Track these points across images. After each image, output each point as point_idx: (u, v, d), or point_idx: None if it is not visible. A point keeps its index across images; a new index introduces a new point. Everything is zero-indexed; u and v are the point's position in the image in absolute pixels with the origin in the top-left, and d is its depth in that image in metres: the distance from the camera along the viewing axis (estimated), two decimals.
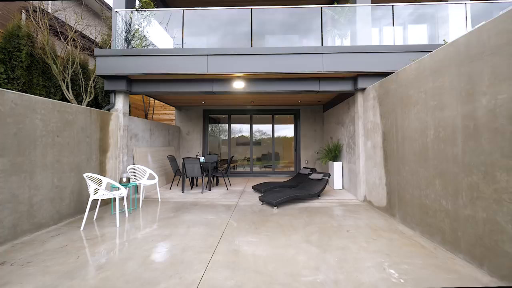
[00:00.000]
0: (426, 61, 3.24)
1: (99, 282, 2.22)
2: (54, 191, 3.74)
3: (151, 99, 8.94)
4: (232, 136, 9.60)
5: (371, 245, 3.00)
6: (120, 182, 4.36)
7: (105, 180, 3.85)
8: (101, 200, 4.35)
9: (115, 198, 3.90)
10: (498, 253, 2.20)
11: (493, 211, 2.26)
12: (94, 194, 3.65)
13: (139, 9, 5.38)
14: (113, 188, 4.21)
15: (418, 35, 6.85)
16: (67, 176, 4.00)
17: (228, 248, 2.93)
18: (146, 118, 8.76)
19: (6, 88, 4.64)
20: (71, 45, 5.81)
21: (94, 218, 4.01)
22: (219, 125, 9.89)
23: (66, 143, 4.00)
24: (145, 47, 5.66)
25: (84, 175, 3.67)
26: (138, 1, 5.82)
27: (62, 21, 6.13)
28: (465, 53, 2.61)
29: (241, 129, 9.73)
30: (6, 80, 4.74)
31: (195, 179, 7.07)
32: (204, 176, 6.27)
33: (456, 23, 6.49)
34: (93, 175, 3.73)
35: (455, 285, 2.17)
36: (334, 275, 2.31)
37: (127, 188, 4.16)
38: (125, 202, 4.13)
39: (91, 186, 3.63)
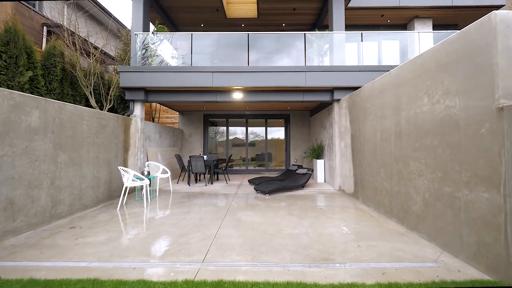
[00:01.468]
0: (376, 83, 4.46)
1: (147, 235, 3.31)
2: (94, 180, 4.78)
3: (157, 104, 9.96)
4: (229, 138, 10.71)
5: (335, 216, 4.17)
6: (142, 174, 5.41)
7: (132, 172, 4.91)
8: (128, 189, 5.38)
9: (136, 187, 4.94)
10: (409, 213, 3.40)
11: (408, 187, 3.45)
12: (127, 182, 4.71)
13: (155, 33, 6.47)
14: (137, 179, 5.25)
15: (391, 49, 8.12)
16: (102, 169, 5.04)
17: (232, 218, 4.05)
18: (153, 121, 9.78)
19: (46, 98, 5.63)
20: (93, 61, 6.83)
21: (124, 202, 5.04)
22: (217, 127, 10.98)
23: (102, 143, 5.05)
24: (156, 57, 6.73)
25: (119, 167, 4.73)
26: (153, 25, 6.89)
27: (85, 39, 7.14)
28: (395, 81, 3.82)
29: (238, 132, 10.85)
30: (46, 91, 5.74)
31: (198, 175, 8.14)
32: (207, 172, 7.34)
33: (422, 41, 7.84)
34: (124, 168, 4.78)
35: (383, 235, 3.33)
36: (305, 230, 3.46)
37: (149, 179, 5.22)
38: (146, 191, 5.19)
39: (125, 176, 4.69)
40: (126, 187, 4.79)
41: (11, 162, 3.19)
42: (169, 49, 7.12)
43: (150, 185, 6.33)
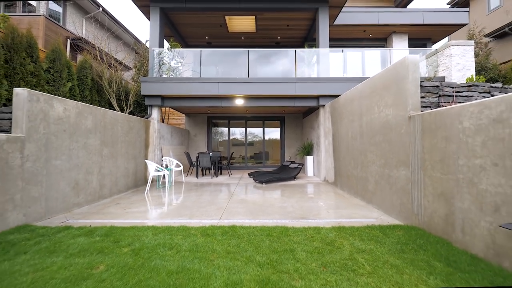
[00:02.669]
0: (348, 93, 5.70)
1: (175, 207, 4.51)
2: (125, 171, 5.96)
3: (166, 107, 11.12)
4: (230, 137, 11.91)
5: (316, 196, 5.41)
6: (161, 167, 6.59)
7: (154, 164, 6.10)
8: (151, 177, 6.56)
9: (155, 177, 6.12)
10: (367, 191, 4.64)
11: (367, 172, 4.69)
12: (152, 171, 5.90)
13: (169, 49, 7.66)
14: (160, 170, 6.44)
15: (373, 58, 9.35)
16: (130, 162, 6.22)
17: (237, 198, 5.26)
18: (163, 122, 10.95)
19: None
20: (116, 73, 8.01)
21: (148, 189, 6.23)
22: (219, 128, 12.17)
23: (130, 141, 6.23)
24: (167, 64, 7.92)
25: (145, 160, 5.91)
26: (167, 43, 8.08)
27: (111, 55, 8.32)
28: (360, 94, 5.06)
29: (238, 132, 12.06)
30: (80, 98, 6.91)
31: (204, 170, 9.33)
32: (212, 167, 8.54)
33: (400, 52, 9.13)
34: (149, 161, 5.97)
35: (348, 206, 4.55)
36: (292, 204, 4.69)
37: (168, 170, 6.42)
38: (165, 180, 6.39)
39: (150, 167, 5.88)
40: (151, 176, 5.98)
41: (76, 154, 4.37)
42: (181, 61, 8.30)
43: (163, 177, 7.53)
